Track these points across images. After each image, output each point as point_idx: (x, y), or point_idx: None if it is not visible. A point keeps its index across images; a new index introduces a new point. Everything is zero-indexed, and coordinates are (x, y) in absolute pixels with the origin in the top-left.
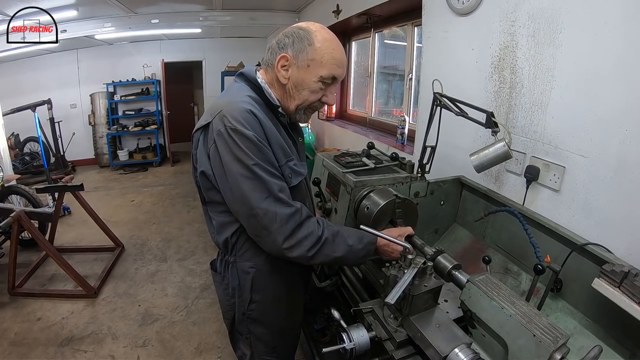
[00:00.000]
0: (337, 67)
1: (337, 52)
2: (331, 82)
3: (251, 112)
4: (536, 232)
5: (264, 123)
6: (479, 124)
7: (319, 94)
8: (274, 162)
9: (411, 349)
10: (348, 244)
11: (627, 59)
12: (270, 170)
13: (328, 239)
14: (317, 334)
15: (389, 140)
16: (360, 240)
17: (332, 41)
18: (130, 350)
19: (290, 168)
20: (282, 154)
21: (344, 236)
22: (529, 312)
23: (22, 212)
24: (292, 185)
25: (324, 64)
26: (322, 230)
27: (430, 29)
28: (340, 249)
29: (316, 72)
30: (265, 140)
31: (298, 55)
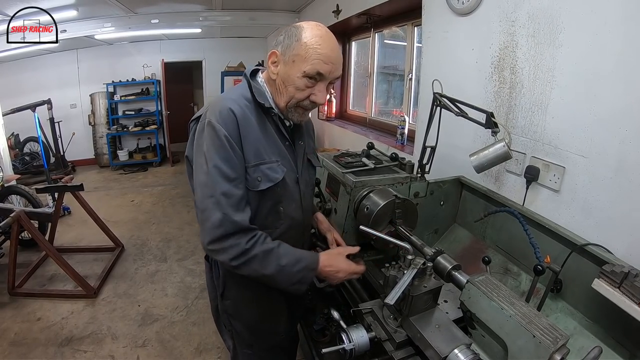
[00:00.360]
0: (323, 63)
1: (324, 48)
2: (318, 78)
3: (231, 110)
4: (536, 233)
5: (242, 122)
6: (479, 124)
7: (306, 91)
8: (236, 163)
9: (411, 350)
10: (280, 263)
11: (627, 59)
12: (226, 173)
13: (257, 255)
14: (317, 334)
15: (388, 141)
16: (296, 263)
17: (321, 37)
18: (130, 351)
19: (261, 171)
20: (254, 156)
21: (279, 255)
22: (529, 313)
23: (22, 212)
24: (260, 189)
25: (308, 59)
26: (252, 244)
27: (430, 29)
28: (270, 268)
29: (300, 67)
30: (237, 139)
31: (286, 51)
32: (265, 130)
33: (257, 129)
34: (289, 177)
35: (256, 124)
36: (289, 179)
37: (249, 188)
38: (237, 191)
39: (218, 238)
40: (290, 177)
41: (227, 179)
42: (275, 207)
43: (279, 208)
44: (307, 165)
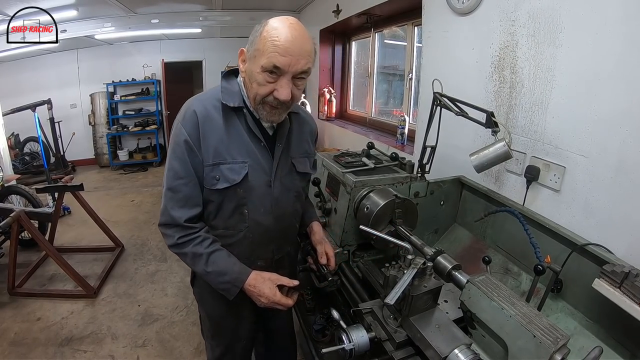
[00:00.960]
0: (279, 56)
1: (282, 40)
2: (278, 73)
3: (194, 112)
4: (536, 233)
5: (204, 123)
6: (479, 123)
7: (268, 87)
8: (188, 164)
9: (411, 350)
10: (206, 270)
11: (627, 59)
12: (176, 172)
13: (187, 254)
14: (317, 334)
15: (389, 140)
16: (221, 275)
17: (281, 29)
18: (130, 350)
19: (220, 171)
20: (214, 155)
21: (207, 262)
22: (529, 313)
23: (22, 212)
24: (217, 188)
25: (265, 52)
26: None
27: (430, 28)
28: (198, 269)
29: (258, 62)
30: (196, 140)
31: (249, 47)
32: (231, 130)
33: (221, 129)
34: (256, 180)
35: (221, 124)
36: (257, 182)
37: (207, 186)
38: (183, 189)
39: (160, 224)
40: (259, 179)
41: (175, 177)
42: (239, 209)
43: (243, 210)
44: (289, 170)
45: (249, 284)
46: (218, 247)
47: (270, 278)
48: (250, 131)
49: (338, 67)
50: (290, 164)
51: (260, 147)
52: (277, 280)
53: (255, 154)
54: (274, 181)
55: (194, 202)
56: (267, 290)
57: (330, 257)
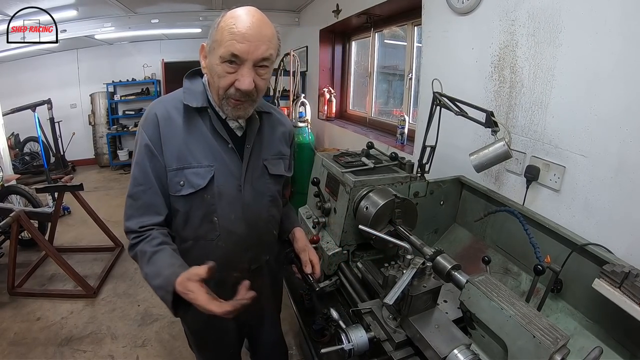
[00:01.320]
0: (236, 43)
1: (238, 26)
2: (237, 62)
3: (155, 115)
4: (536, 232)
5: (164, 126)
6: (479, 123)
7: (228, 77)
8: (148, 170)
9: (410, 350)
10: (145, 270)
11: (627, 58)
12: (136, 178)
13: (137, 254)
14: (316, 334)
15: (388, 140)
16: (155, 277)
17: (238, 17)
18: (130, 350)
19: (185, 175)
20: (177, 160)
21: (146, 261)
22: (529, 313)
23: (22, 212)
24: (181, 194)
25: (222, 41)
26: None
27: (430, 28)
28: (142, 272)
29: (217, 53)
30: (158, 144)
31: (209, 41)
32: (194, 132)
33: (184, 132)
34: (224, 184)
35: (183, 126)
36: (225, 187)
37: (172, 193)
38: (142, 196)
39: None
40: (228, 184)
41: (135, 184)
42: (208, 216)
43: (213, 218)
44: (261, 173)
45: (179, 289)
46: (166, 247)
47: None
48: (215, 132)
49: (338, 67)
50: (262, 166)
51: (227, 149)
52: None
53: (222, 157)
54: (244, 185)
55: (154, 210)
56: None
57: (314, 264)
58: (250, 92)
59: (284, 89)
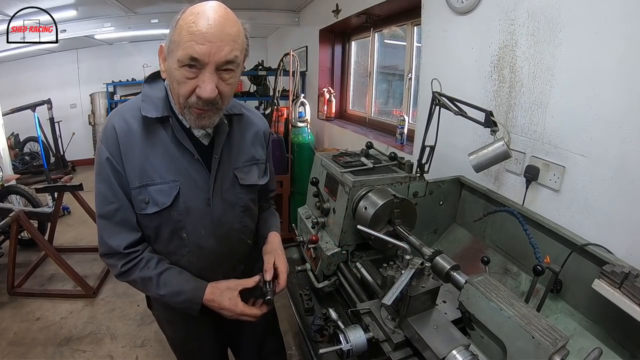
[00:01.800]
0: (195, 44)
1: (199, 25)
2: (198, 66)
3: (113, 128)
4: (536, 233)
5: (123, 140)
6: (478, 123)
7: (188, 84)
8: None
9: (409, 351)
10: (159, 293)
11: (627, 58)
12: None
13: (136, 280)
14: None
15: (388, 140)
16: (176, 295)
17: (197, 14)
18: (129, 350)
19: (149, 193)
20: (139, 176)
21: (158, 284)
22: (528, 314)
23: (22, 212)
24: (147, 213)
25: (181, 43)
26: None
27: (429, 28)
28: (150, 293)
29: (175, 56)
30: (119, 159)
31: (167, 42)
32: (156, 144)
33: (144, 145)
34: (191, 200)
35: (142, 139)
36: (193, 202)
37: (137, 211)
38: (116, 214)
39: (101, 255)
40: (195, 199)
41: (105, 202)
42: (177, 233)
43: (182, 235)
44: (231, 183)
45: (207, 300)
46: (166, 265)
47: (229, 286)
48: (179, 144)
49: (337, 67)
50: (233, 176)
51: (193, 160)
52: (237, 287)
53: (187, 171)
54: (213, 198)
55: (131, 227)
56: (226, 303)
57: (280, 272)
58: (214, 100)
59: (284, 88)
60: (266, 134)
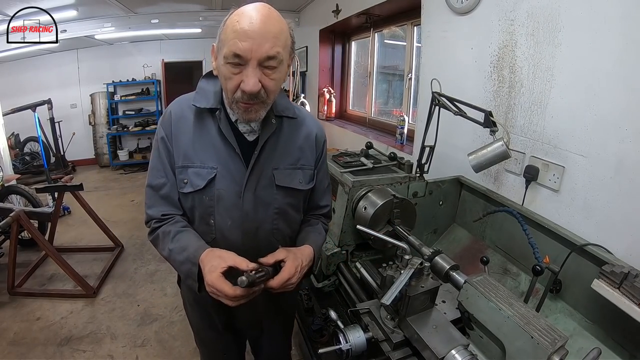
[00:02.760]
0: (238, 42)
1: (241, 23)
2: (241, 62)
3: (170, 112)
4: (535, 233)
5: (176, 124)
6: (478, 123)
7: (234, 79)
8: (165, 163)
9: (408, 351)
10: (169, 247)
11: (627, 58)
12: (155, 170)
13: (159, 235)
14: (315, 334)
15: (388, 140)
16: (182, 251)
17: (242, 14)
18: (129, 350)
19: (188, 174)
20: (183, 158)
21: (170, 239)
22: (527, 314)
23: (22, 212)
24: (183, 192)
25: (226, 41)
26: (159, 225)
27: (429, 28)
28: (164, 250)
29: (222, 53)
30: (171, 140)
31: (217, 41)
32: (203, 133)
33: (193, 132)
34: (225, 189)
35: (193, 126)
36: (226, 191)
37: (178, 189)
38: (163, 188)
39: (145, 222)
40: (228, 189)
41: (157, 175)
42: (205, 218)
43: (209, 220)
44: (267, 182)
45: (202, 260)
46: (190, 229)
47: (221, 255)
48: (223, 135)
49: (338, 67)
50: (271, 176)
51: (233, 153)
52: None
53: (226, 161)
54: (245, 192)
55: (172, 202)
56: (207, 267)
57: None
58: (258, 94)
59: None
60: (320, 140)
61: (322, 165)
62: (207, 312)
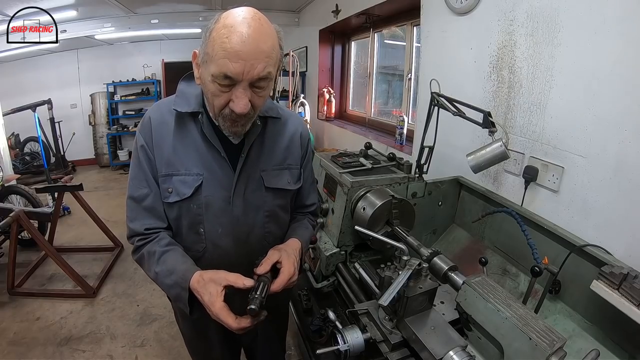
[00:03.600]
0: (229, 62)
1: (232, 41)
2: (229, 83)
3: (149, 119)
4: (534, 233)
5: (157, 130)
6: (476, 123)
7: (222, 97)
8: (147, 172)
9: (406, 351)
10: (155, 269)
11: (626, 58)
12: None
13: (143, 255)
14: (313, 335)
15: (388, 141)
16: (169, 274)
17: (231, 27)
18: (129, 350)
19: (173, 183)
20: (166, 166)
21: (156, 260)
22: (525, 315)
23: (22, 212)
24: (168, 201)
25: (214, 57)
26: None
27: (428, 28)
28: (151, 272)
29: (209, 69)
30: (151, 148)
31: (201, 49)
32: (186, 138)
33: (175, 137)
34: (212, 196)
35: (174, 131)
36: (213, 198)
37: (162, 199)
38: (145, 199)
39: (127, 237)
40: (216, 195)
41: (138, 186)
42: (194, 227)
43: (199, 230)
44: (257, 185)
45: (192, 287)
46: (177, 248)
47: (213, 278)
48: (207, 140)
49: (337, 67)
50: (259, 178)
51: (219, 157)
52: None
53: (212, 166)
54: (234, 198)
55: (157, 214)
56: (206, 298)
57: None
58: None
59: (284, 89)
60: (304, 138)
61: (308, 163)
62: (199, 324)
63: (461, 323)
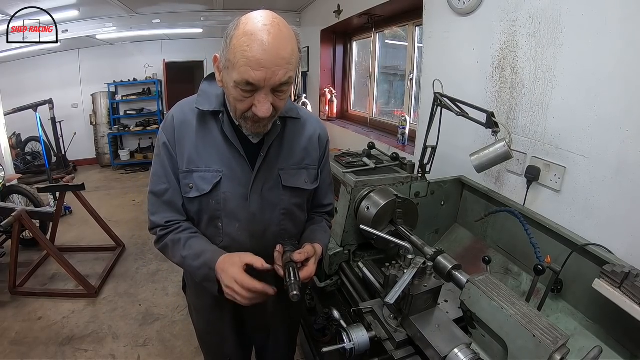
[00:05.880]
0: (250, 70)
1: (253, 50)
2: (252, 89)
3: (172, 117)
4: (537, 233)
5: (179, 128)
6: (480, 124)
7: (246, 102)
8: (168, 168)
9: (411, 349)
10: (182, 254)
11: (628, 59)
12: (157, 176)
13: (167, 244)
14: (318, 333)
15: (390, 141)
16: (197, 257)
17: (251, 35)
18: (131, 350)
19: (193, 179)
20: (187, 162)
21: (182, 246)
22: (529, 313)
23: (24, 212)
24: (189, 197)
25: (236, 65)
26: (166, 233)
27: (431, 29)
28: (176, 257)
29: (231, 75)
30: (174, 145)
31: (222, 54)
32: (206, 136)
33: (196, 135)
34: (231, 192)
35: (196, 129)
36: (232, 194)
37: (183, 194)
38: (165, 194)
39: (149, 229)
40: (235, 191)
41: (159, 182)
42: (213, 221)
43: (217, 224)
44: (274, 183)
45: (218, 267)
46: (199, 235)
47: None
48: (227, 138)
49: (339, 68)
50: (277, 177)
51: (238, 155)
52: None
53: (232, 164)
54: (251, 195)
55: (176, 208)
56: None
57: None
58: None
59: None
60: (322, 139)
61: (325, 164)
62: (213, 318)
63: (465, 321)
